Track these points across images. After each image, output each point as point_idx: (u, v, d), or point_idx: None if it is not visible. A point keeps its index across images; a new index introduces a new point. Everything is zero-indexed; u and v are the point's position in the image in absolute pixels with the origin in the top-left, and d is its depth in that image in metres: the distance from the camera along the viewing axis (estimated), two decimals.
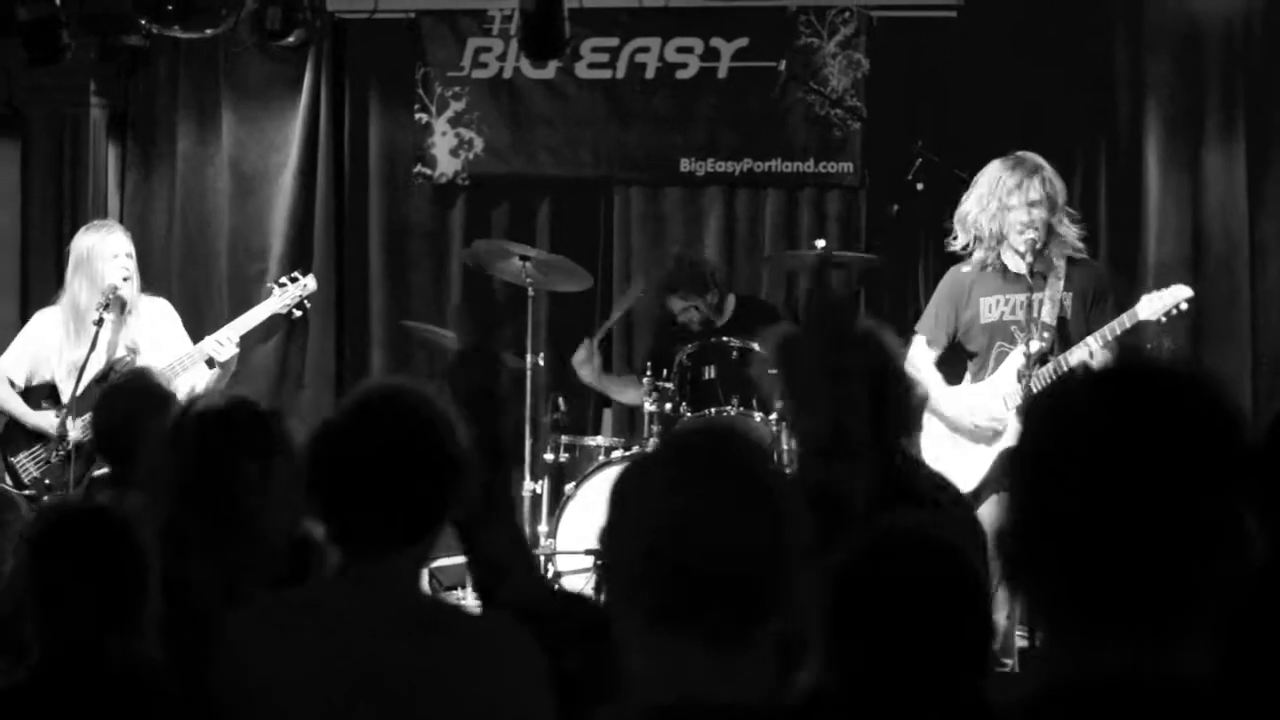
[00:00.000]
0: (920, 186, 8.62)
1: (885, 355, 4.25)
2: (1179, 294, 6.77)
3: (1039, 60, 9.42)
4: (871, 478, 3.97)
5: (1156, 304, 6.74)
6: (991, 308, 7.03)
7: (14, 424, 7.63)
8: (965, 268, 7.20)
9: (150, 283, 8.08)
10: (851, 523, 3.44)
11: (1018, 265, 6.90)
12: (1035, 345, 6.83)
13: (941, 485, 4.38)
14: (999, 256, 7.00)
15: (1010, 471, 2.16)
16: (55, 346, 7.59)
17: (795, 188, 9.70)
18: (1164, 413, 2.01)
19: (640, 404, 8.39)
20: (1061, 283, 6.95)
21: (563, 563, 7.95)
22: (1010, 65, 9.44)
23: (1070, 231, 7.00)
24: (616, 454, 8.12)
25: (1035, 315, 6.87)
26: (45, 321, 7.74)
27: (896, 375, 4.25)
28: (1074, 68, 9.43)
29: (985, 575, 2.95)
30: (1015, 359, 6.81)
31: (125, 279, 7.56)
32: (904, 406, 4.21)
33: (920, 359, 7.29)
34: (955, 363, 7.40)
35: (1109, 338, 6.74)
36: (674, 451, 2.63)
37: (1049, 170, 6.99)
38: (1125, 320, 6.72)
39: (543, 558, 8.13)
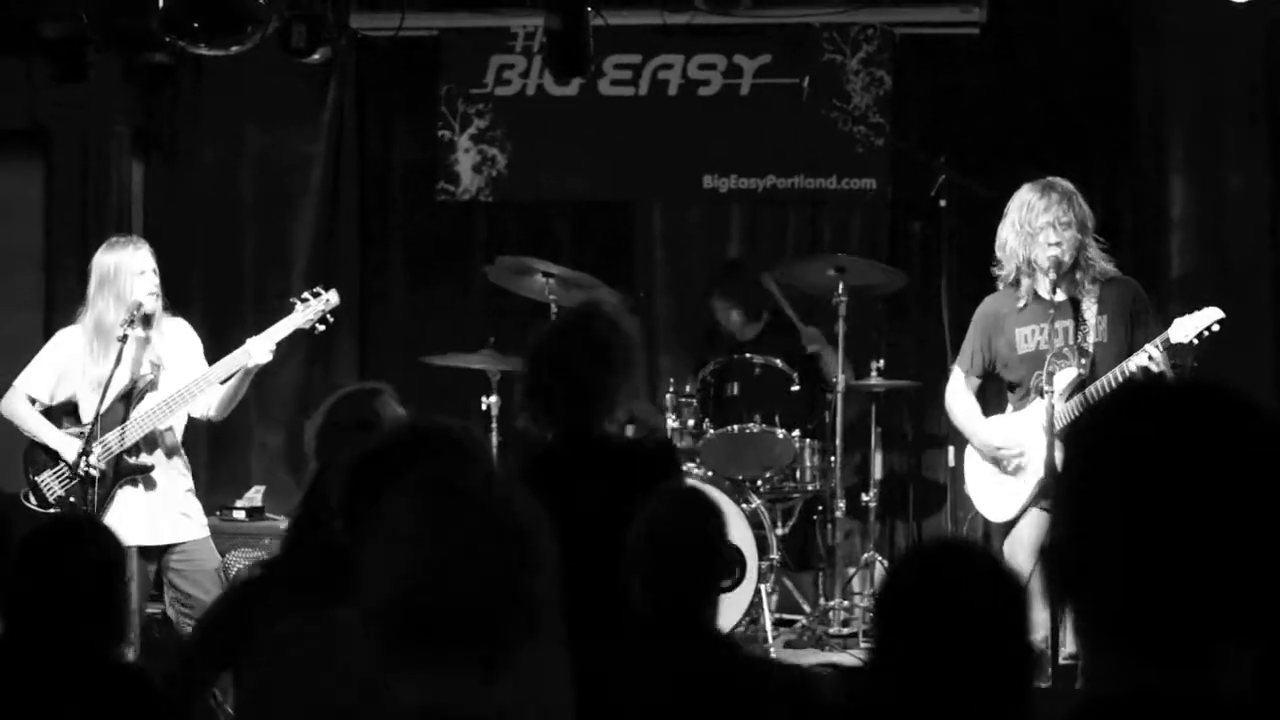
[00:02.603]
0: (943, 203, 8.63)
1: None
2: (1210, 315, 6.70)
3: (1061, 77, 9.44)
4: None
5: (1189, 326, 6.67)
6: (1028, 338, 6.95)
7: (38, 442, 7.62)
8: (998, 296, 7.13)
9: (173, 299, 8.07)
10: None
11: (1049, 292, 6.85)
12: (1072, 372, 6.77)
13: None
14: (1033, 285, 6.94)
15: (1055, 487, 2.16)
16: (79, 364, 7.57)
17: (818, 204, 9.72)
18: (1211, 431, 2.01)
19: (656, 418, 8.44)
20: (1095, 306, 6.90)
21: None
22: (1032, 82, 9.46)
23: (1100, 256, 6.95)
24: None
25: (1072, 342, 6.83)
26: (68, 339, 7.71)
27: None
28: (1095, 84, 9.44)
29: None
30: (1056, 384, 6.74)
31: (152, 294, 7.56)
32: None
33: (957, 391, 7.26)
34: (1000, 393, 7.37)
35: (1146, 363, 6.68)
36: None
37: (1078, 195, 6.95)
38: (1159, 343, 6.65)
39: None
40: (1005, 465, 6.99)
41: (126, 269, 7.52)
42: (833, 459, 8.31)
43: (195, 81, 9.98)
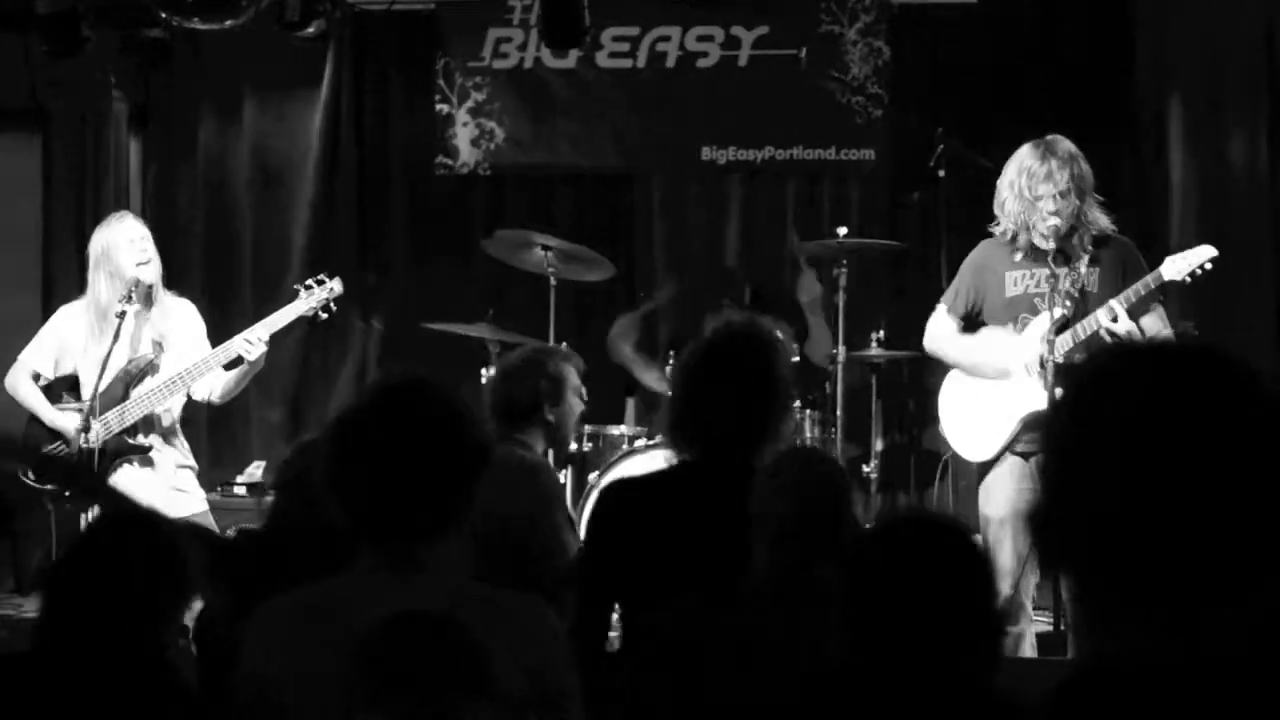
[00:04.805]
0: (942, 173, 8.61)
1: None
2: (1203, 254, 6.63)
3: (1060, 46, 9.41)
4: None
5: (1180, 264, 6.61)
6: (1016, 282, 6.85)
7: (37, 419, 7.62)
8: (993, 244, 7.03)
9: (173, 274, 8.07)
10: None
11: (1044, 244, 6.78)
12: (1058, 311, 6.70)
13: None
14: (1030, 240, 6.86)
15: (1045, 452, 2.14)
16: (80, 341, 7.57)
17: (817, 175, 9.71)
18: (1202, 395, 2.00)
19: (661, 388, 8.39)
20: (1086, 258, 6.84)
21: None
22: (1031, 51, 9.42)
23: (1100, 218, 6.88)
24: (640, 443, 8.11)
25: (1059, 286, 6.76)
26: (69, 315, 7.72)
27: None
28: (1095, 52, 9.41)
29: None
30: (1038, 325, 6.68)
31: (144, 262, 7.53)
32: None
33: (940, 328, 7.12)
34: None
35: (1133, 299, 6.61)
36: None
37: (1078, 157, 6.87)
38: (1150, 281, 6.58)
39: None
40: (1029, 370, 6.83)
41: (115, 242, 7.51)
42: (833, 430, 8.29)
43: (192, 57, 9.95)
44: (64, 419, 7.44)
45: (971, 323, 7.07)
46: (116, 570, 3.47)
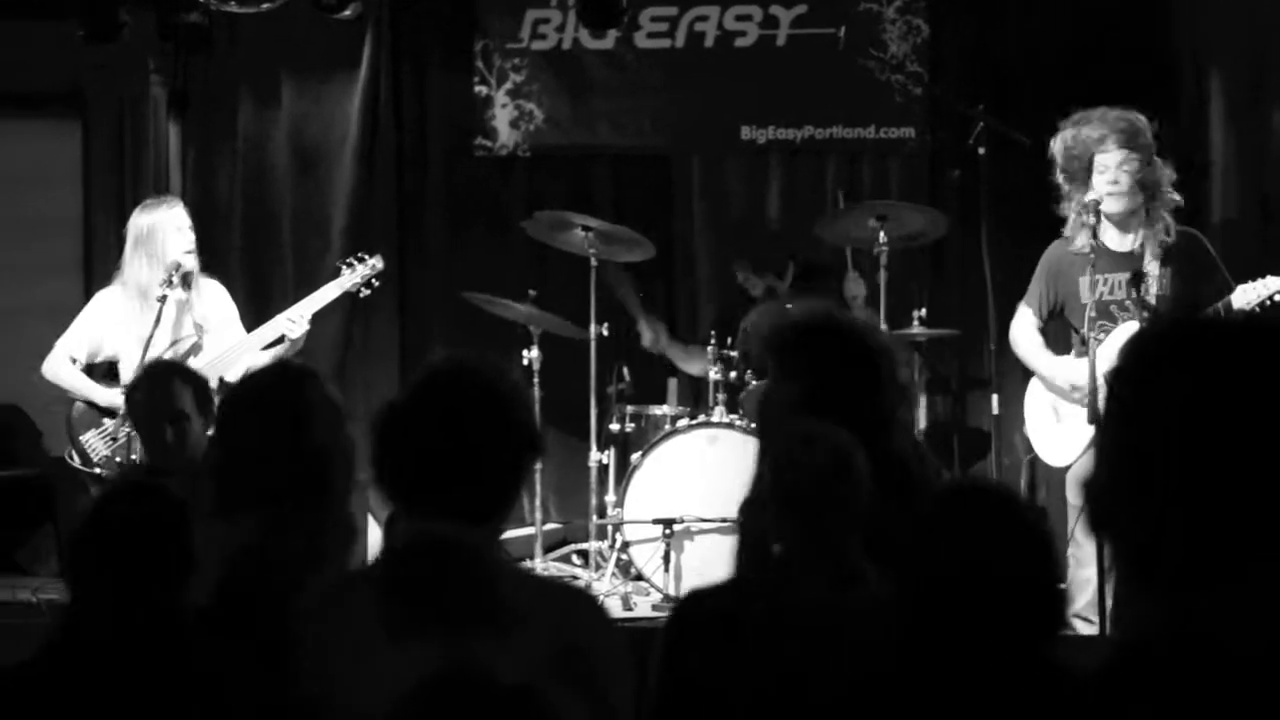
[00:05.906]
0: (982, 151, 8.59)
1: None
2: (1273, 285, 6.82)
3: (1100, 21, 9.36)
4: None
5: (1250, 294, 6.83)
6: (1092, 288, 6.96)
7: (86, 402, 7.65)
8: (1064, 243, 7.22)
9: (213, 259, 8.11)
10: None
11: (1118, 243, 6.92)
12: (1134, 326, 6.80)
13: None
14: (1098, 233, 6.97)
15: (1102, 421, 2.14)
16: (119, 324, 7.61)
17: (856, 154, 9.68)
18: (1263, 363, 1.99)
19: (705, 374, 8.37)
20: (1157, 262, 6.98)
21: (630, 532, 7.93)
22: (1071, 27, 9.39)
23: (1168, 207, 7.06)
24: (682, 423, 8.09)
25: (1135, 295, 6.90)
26: (106, 300, 7.76)
27: None
28: (1135, 28, 9.37)
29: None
30: (1117, 338, 6.77)
31: (190, 250, 7.60)
32: None
33: (1022, 328, 7.44)
34: (1063, 337, 7.49)
35: None
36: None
37: (1141, 126, 7.04)
38: (1220, 310, 6.73)
39: (610, 527, 8.14)
40: (1081, 404, 6.99)
41: (162, 227, 7.57)
42: None
43: (230, 40, 9.94)
44: (114, 396, 7.47)
45: (1057, 319, 7.36)
46: (129, 538, 3.47)
